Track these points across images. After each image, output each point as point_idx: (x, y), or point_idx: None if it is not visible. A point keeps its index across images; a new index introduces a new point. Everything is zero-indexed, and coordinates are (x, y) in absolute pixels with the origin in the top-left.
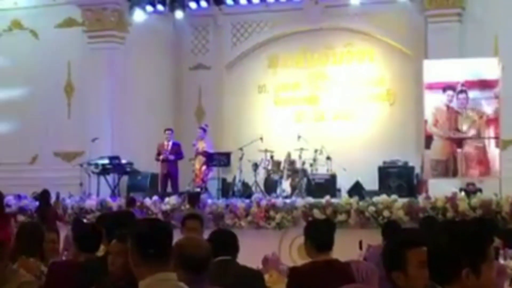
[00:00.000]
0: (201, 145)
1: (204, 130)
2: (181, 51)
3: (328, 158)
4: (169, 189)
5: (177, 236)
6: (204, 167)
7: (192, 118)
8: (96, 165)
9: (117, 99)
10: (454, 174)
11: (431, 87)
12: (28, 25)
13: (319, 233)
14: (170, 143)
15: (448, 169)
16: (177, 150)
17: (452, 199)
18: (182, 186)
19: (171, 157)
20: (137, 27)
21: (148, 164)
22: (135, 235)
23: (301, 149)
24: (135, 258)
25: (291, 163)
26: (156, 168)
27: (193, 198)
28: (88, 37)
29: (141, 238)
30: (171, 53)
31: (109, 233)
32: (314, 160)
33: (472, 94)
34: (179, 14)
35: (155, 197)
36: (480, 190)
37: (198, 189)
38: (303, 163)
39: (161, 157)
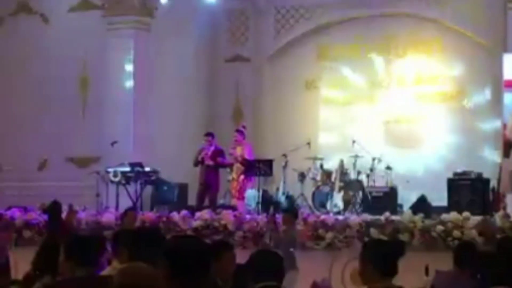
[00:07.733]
0: (239, 152)
1: (242, 133)
2: (216, 40)
3: (388, 168)
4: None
5: None
6: (242, 177)
7: (228, 119)
8: (115, 173)
9: (141, 96)
10: None
11: (511, 85)
12: (38, 8)
13: (386, 256)
14: (212, 148)
15: None
16: (219, 156)
17: None
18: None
19: (211, 163)
20: (164, 12)
21: (176, 173)
22: (168, 254)
23: (356, 156)
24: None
25: (344, 173)
26: (185, 178)
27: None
28: (108, 23)
29: (176, 258)
30: (204, 42)
31: (133, 253)
32: (372, 170)
33: None
34: None
35: (184, 212)
36: None
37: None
38: (358, 174)
39: (200, 157)
